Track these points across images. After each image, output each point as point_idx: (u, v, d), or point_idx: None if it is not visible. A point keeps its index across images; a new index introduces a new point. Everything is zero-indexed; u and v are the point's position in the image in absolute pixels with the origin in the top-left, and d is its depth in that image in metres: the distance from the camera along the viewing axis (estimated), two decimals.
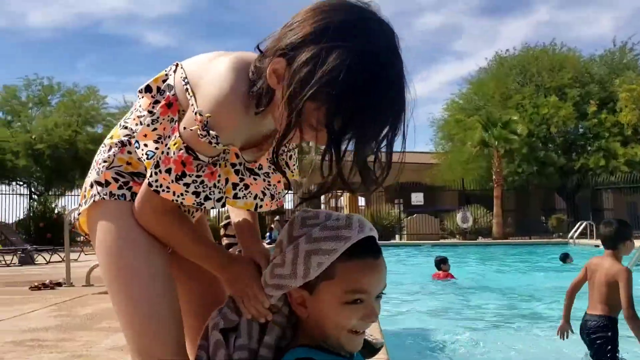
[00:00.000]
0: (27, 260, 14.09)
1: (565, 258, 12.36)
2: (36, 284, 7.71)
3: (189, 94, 1.31)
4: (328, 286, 1.26)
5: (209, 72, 1.32)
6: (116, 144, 1.49)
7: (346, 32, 1.13)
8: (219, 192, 1.39)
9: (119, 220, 1.44)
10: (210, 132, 1.25)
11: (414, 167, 35.15)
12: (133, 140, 1.44)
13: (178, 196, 1.34)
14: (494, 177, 26.55)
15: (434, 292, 9.10)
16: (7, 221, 24.33)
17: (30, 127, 29.87)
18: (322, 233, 1.27)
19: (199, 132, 1.26)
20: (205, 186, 1.35)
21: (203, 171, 1.33)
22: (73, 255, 10.56)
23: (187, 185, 1.32)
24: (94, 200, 1.46)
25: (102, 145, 1.54)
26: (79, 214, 1.55)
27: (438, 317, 6.71)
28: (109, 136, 1.54)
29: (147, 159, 1.37)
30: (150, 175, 1.34)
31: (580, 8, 76.31)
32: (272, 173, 1.53)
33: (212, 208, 1.40)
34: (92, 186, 1.49)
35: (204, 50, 1.44)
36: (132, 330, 1.42)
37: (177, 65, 1.41)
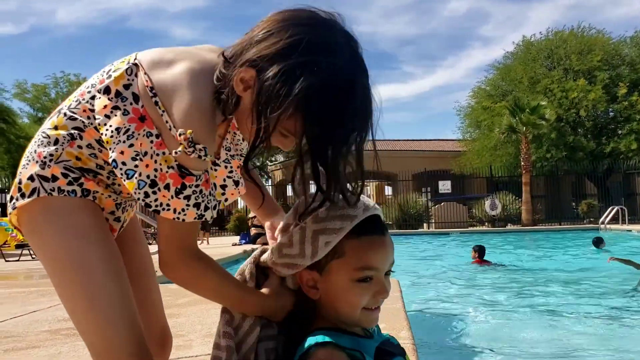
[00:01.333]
0: None
1: (598, 243, 12.19)
2: None
3: (159, 108, 1.27)
4: (338, 265, 1.28)
5: (173, 81, 1.28)
6: (64, 136, 1.36)
7: (317, 48, 1.18)
8: (214, 200, 1.36)
9: (69, 217, 1.35)
10: (197, 146, 1.24)
11: (440, 155, 34.97)
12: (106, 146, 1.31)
13: (179, 213, 1.27)
14: (522, 163, 26.20)
15: (461, 278, 9.07)
16: None
17: None
18: (329, 213, 1.29)
19: (186, 150, 1.23)
20: (203, 195, 1.30)
21: (200, 180, 1.29)
22: None
23: (187, 198, 1.27)
24: (37, 196, 1.33)
25: (42, 135, 1.39)
26: (13, 208, 1.38)
27: (464, 302, 6.68)
28: (50, 126, 1.39)
29: (128, 178, 1.26)
30: (147, 196, 1.26)
31: None
32: (231, 158, 1.52)
33: (211, 218, 1.34)
34: (32, 180, 1.34)
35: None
36: (89, 329, 1.36)
37: (136, 66, 1.32)
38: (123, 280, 1.38)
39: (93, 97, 1.35)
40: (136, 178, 1.26)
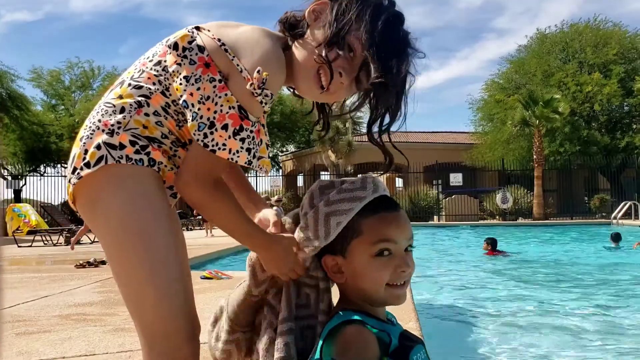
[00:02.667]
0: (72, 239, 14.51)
1: (617, 238, 12.09)
2: (81, 262, 7.96)
3: (229, 54, 1.34)
4: (357, 244, 1.34)
5: (246, 35, 1.38)
6: (131, 104, 1.38)
7: None
8: (259, 152, 1.40)
9: (137, 185, 1.36)
10: (265, 90, 1.31)
11: (452, 147, 34.80)
12: (177, 100, 1.37)
13: (233, 154, 1.32)
14: (534, 156, 26.00)
15: (471, 270, 9.05)
16: (53, 202, 25.07)
17: (73, 110, 30.63)
18: (339, 195, 1.37)
19: (255, 90, 1.30)
20: (254, 143, 1.36)
21: (254, 127, 1.35)
22: None
23: (242, 140, 1.32)
24: (105, 163, 1.34)
25: (106, 104, 1.41)
26: (79, 178, 1.36)
27: (473, 294, 6.67)
28: (114, 96, 1.42)
29: (191, 120, 1.32)
30: (205, 137, 1.31)
31: None
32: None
33: (258, 167, 1.40)
34: (99, 148, 1.35)
35: None
36: (144, 300, 1.37)
37: (197, 28, 1.40)
38: (184, 255, 1.43)
39: (158, 63, 1.41)
40: (197, 120, 1.31)
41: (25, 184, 27.93)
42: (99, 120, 1.39)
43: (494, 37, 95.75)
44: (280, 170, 38.03)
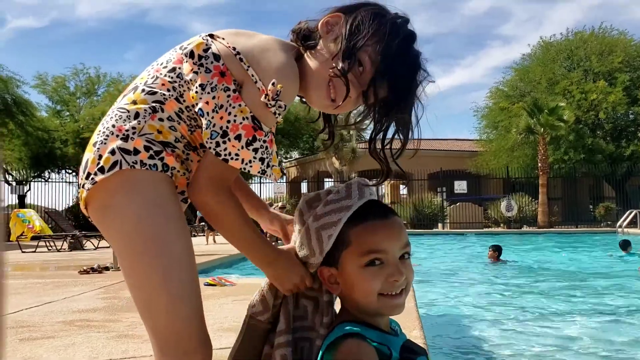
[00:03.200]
0: (76, 245, 14.57)
1: (625, 245, 12.03)
2: (85, 268, 7.95)
3: (244, 63, 1.36)
4: (347, 254, 1.32)
5: (261, 45, 1.40)
6: (145, 110, 1.39)
7: (389, 11, 1.42)
8: (272, 161, 1.41)
9: (151, 190, 1.36)
10: (279, 102, 1.33)
11: (457, 155, 34.75)
12: (191, 106, 1.39)
13: (246, 164, 1.34)
14: (539, 164, 25.96)
15: (475, 278, 9.02)
16: (57, 208, 25.12)
17: (78, 116, 30.72)
18: (325, 208, 1.36)
19: (268, 101, 1.32)
20: (268, 152, 1.37)
21: (267, 137, 1.37)
22: None
23: (255, 150, 1.34)
24: (120, 168, 1.34)
25: (120, 110, 1.42)
26: (93, 184, 1.36)
27: (477, 302, 6.64)
28: (128, 101, 1.42)
29: (206, 128, 1.34)
30: (217, 145, 1.33)
31: None
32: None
33: (269, 177, 1.40)
34: (113, 153, 1.35)
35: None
36: (158, 304, 1.36)
37: (211, 36, 1.42)
38: (194, 260, 1.43)
39: (172, 70, 1.42)
40: (210, 129, 1.33)
41: (29, 189, 27.98)
42: (113, 126, 1.39)
43: (498, 45, 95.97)
44: (284, 177, 38.02)
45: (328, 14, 1.42)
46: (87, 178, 1.38)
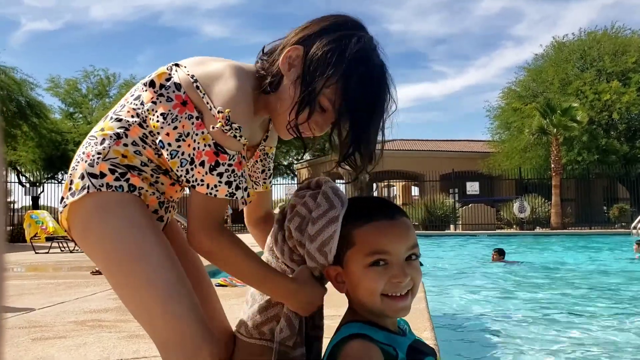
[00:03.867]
0: None
1: None
2: (97, 269, 7.99)
3: (200, 91, 1.38)
4: (352, 254, 1.32)
5: (216, 71, 1.41)
6: (110, 136, 1.46)
7: (358, 26, 1.43)
8: (245, 182, 1.42)
9: (119, 209, 1.42)
10: (233, 125, 1.34)
11: (469, 155, 34.61)
12: (149, 136, 1.44)
13: (212, 188, 1.36)
14: (552, 165, 25.77)
15: (487, 280, 8.96)
16: None
17: (90, 118, 30.93)
18: (315, 227, 1.37)
19: (223, 127, 1.34)
20: (235, 175, 1.38)
21: (233, 160, 1.38)
22: None
23: (220, 175, 1.36)
24: (87, 192, 1.41)
25: (89, 137, 1.50)
26: (64, 207, 1.46)
27: (489, 304, 6.60)
28: (97, 129, 1.51)
29: (172, 158, 1.39)
30: (187, 172, 1.37)
31: None
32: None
33: (242, 199, 1.41)
34: (82, 178, 1.43)
35: (260, 41, 1.50)
36: (152, 316, 1.41)
37: (176, 65, 1.45)
38: (178, 263, 1.45)
39: (137, 97, 1.46)
40: (179, 157, 1.38)
41: (43, 191, 28.18)
42: (84, 152, 1.48)
43: (511, 45, 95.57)
44: (296, 179, 38.06)
45: (289, 46, 1.42)
46: (61, 202, 1.48)
